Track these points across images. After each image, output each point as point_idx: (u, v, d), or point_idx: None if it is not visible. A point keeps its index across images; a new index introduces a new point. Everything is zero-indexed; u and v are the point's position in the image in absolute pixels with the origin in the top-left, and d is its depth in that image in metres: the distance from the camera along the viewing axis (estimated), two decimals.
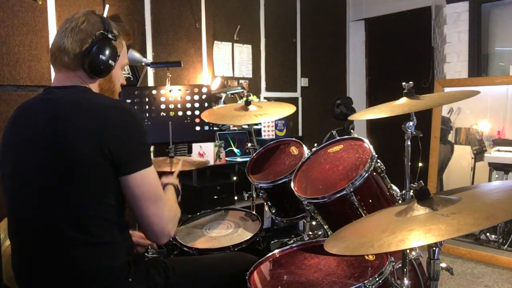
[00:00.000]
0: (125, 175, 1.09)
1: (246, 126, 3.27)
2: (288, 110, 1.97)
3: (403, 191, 1.50)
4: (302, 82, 4.37)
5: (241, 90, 3.31)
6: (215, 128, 2.92)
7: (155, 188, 1.14)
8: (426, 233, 0.81)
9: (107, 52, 1.18)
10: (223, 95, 3.26)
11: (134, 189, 1.10)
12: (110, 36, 1.19)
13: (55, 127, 1.08)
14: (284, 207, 1.79)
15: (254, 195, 2.13)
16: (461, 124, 3.18)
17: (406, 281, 1.30)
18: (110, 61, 1.20)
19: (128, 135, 1.11)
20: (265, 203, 1.84)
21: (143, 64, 2.71)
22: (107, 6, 2.86)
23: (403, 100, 1.50)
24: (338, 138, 1.64)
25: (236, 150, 3.17)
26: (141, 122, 1.18)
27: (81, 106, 1.12)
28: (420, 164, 2.19)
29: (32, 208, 1.10)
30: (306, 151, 1.77)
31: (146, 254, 1.51)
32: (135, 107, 2.17)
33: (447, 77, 3.63)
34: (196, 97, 2.23)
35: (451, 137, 3.22)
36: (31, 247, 1.12)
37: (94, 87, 1.23)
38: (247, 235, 1.67)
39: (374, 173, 1.43)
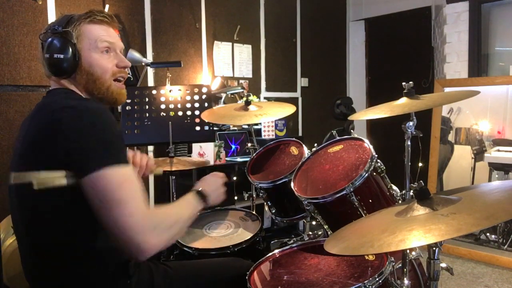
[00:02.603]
0: (80, 178, 0.98)
1: (246, 126, 3.27)
2: (288, 110, 1.97)
3: (403, 191, 1.50)
4: (302, 82, 4.37)
5: (241, 90, 3.31)
6: (215, 128, 2.92)
7: (116, 189, 0.97)
8: (426, 233, 0.81)
9: (50, 48, 1.14)
10: (223, 95, 3.26)
11: (90, 192, 0.98)
12: (50, 31, 1.15)
13: (24, 133, 1.10)
14: (284, 207, 1.79)
15: (254, 195, 2.13)
16: (461, 124, 3.18)
17: (406, 281, 1.30)
18: (57, 55, 1.13)
19: (82, 133, 0.99)
20: (265, 203, 1.84)
21: (143, 64, 2.71)
22: (107, 6, 2.86)
23: (403, 100, 1.50)
24: (338, 138, 1.64)
25: (233, 146, 3.18)
26: (102, 120, 1.03)
27: (42, 110, 1.10)
28: (420, 164, 2.19)
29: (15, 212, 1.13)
30: (306, 151, 1.77)
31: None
32: (135, 107, 2.17)
33: (447, 77, 3.63)
34: (196, 97, 2.23)
35: (451, 137, 3.22)
36: (23, 247, 1.14)
37: (76, 86, 1.18)
38: (247, 235, 1.67)
39: (374, 173, 1.43)
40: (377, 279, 1.09)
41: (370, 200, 1.41)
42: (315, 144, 1.71)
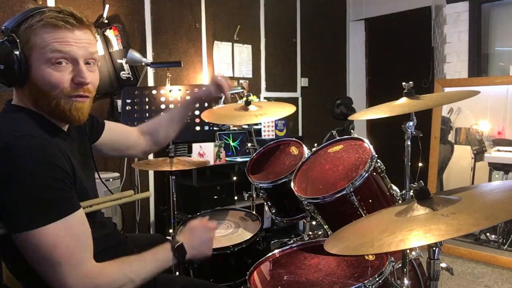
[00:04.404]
0: (11, 233, 0.92)
1: (246, 126, 3.27)
2: (288, 110, 1.96)
3: (403, 191, 1.50)
4: (302, 82, 4.37)
5: (241, 90, 3.29)
6: (215, 128, 2.92)
7: (48, 251, 0.90)
8: (426, 233, 0.81)
9: None
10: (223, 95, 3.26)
11: (22, 248, 0.92)
12: (1, 31, 1.00)
13: None
14: (284, 207, 1.79)
15: (254, 195, 2.13)
16: (461, 124, 3.18)
17: (406, 281, 1.30)
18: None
19: (8, 185, 0.89)
20: (265, 203, 1.84)
21: (143, 64, 2.71)
22: (107, 6, 2.86)
23: (403, 100, 1.50)
24: (338, 138, 1.64)
25: (232, 144, 3.18)
26: (31, 168, 0.90)
27: None
28: (420, 164, 2.19)
29: None
30: (306, 151, 1.77)
31: None
32: (135, 107, 2.17)
33: (447, 77, 3.63)
34: None
35: (451, 137, 3.22)
36: None
37: (27, 99, 1.04)
38: (247, 235, 1.67)
39: (374, 173, 1.43)
40: (377, 279, 1.09)
41: (370, 200, 1.41)
42: (315, 144, 1.71)
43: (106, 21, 2.87)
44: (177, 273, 1.72)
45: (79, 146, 1.17)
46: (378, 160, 1.44)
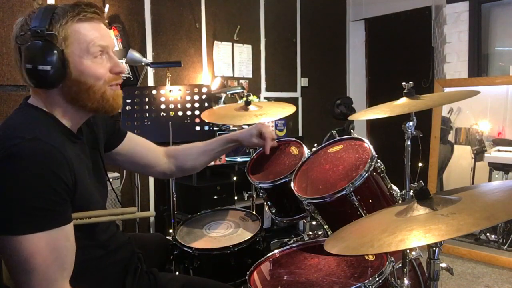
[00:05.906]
0: None
1: (246, 126, 3.27)
2: (288, 110, 1.97)
3: (403, 191, 1.50)
4: (302, 82, 4.37)
5: (241, 90, 3.31)
6: (215, 128, 2.92)
7: (25, 259, 0.88)
8: (426, 233, 0.81)
9: (33, 58, 0.96)
10: (223, 95, 3.26)
11: (2, 253, 0.92)
12: (29, 33, 0.97)
13: None
14: (284, 207, 1.79)
15: (254, 195, 2.13)
16: (461, 124, 3.18)
17: (406, 281, 1.30)
18: (42, 67, 0.95)
19: (7, 187, 0.88)
20: (265, 203, 1.84)
21: (143, 64, 2.71)
22: (107, 6, 2.86)
23: (403, 100, 1.50)
24: (338, 138, 1.64)
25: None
26: (29, 175, 0.88)
27: None
28: (420, 164, 2.19)
29: None
30: (306, 151, 1.77)
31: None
32: (135, 107, 2.17)
33: (447, 77, 3.63)
34: (196, 97, 2.23)
35: (451, 137, 3.22)
36: None
37: (60, 99, 1.02)
38: (247, 235, 1.67)
39: (374, 173, 1.43)
40: (377, 279, 1.09)
41: (370, 200, 1.41)
42: (315, 144, 1.70)
43: (106, 21, 2.87)
44: (177, 272, 1.72)
45: (90, 150, 1.16)
46: (378, 160, 1.44)
